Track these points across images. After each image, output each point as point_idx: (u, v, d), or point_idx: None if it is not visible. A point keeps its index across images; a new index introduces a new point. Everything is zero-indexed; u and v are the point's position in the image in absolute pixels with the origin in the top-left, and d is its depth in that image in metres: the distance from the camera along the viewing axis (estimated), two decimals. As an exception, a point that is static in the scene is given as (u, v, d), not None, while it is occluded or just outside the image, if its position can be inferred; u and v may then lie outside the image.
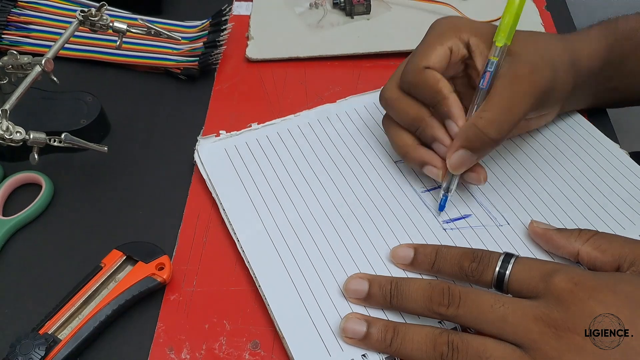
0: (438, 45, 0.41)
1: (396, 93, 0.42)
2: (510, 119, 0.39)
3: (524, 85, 0.39)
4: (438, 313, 0.34)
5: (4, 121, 0.40)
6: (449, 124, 0.40)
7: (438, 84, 0.40)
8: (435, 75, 0.40)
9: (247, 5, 0.62)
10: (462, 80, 0.43)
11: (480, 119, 0.39)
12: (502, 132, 0.38)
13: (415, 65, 0.40)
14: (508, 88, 0.39)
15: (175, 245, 0.42)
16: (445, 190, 0.42)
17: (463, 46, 0.41)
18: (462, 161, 0.40)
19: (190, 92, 0.53)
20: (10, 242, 0.42)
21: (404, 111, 0.42)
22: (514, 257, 0.35)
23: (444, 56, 0.40)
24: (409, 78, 0.41)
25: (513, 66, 0.39)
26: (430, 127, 0.41)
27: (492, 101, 0.39)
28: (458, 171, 0.41)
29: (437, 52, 0.40)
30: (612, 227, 0.42)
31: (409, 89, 0.41)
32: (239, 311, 0.38)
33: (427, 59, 0.40)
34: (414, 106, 0.41)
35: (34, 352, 0.34)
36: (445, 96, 0.40)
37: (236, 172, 0.45)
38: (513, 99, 0.39)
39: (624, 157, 0.46)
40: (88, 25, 0.45)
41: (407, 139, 0.43)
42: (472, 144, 0.39)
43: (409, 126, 0.42)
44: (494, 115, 0.38)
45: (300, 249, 0.40)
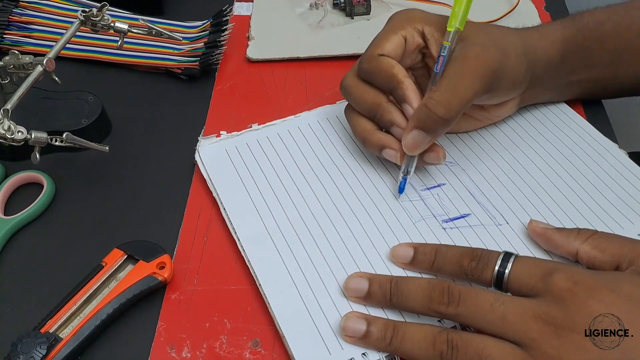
0: (392, 34, 0.42)
1: (354, 81, 0.43)
2: (458, 97, 0.39)
3: (471, 64, 0.40)
4: (438, 312, 0.34)
5: (5, 121, 0.40)
6: (405, 107, 0.42)
7: (393, 69, 0.41)
8: (389, 62, 0.42)
9: (247, 5, 0.62)
10: (422, 71, 0.45)
11: (430, 99, 0.40)
12: (451, 111, 0.39)
13: (370, 53, 0.42)
14: (456, 68, 0.40)
15: (176, 245, 0.42)
16: (404, 173, 0.43)
17: (418, 35, 0.43)
18: (417, 142, 0.41)
19: (191, 92, 0.54)
20: (11, 242, 0.43)
21: (362, 98, 0.43)
22: (514, 256, 0.35)
23: (398, 44, 0.42)
24: (365, 65, 0.42)
25: (463, 49, 0.41)
26: (388, 112, 0.42)
27: (442, 82, 0.40)
28: (414, 152, 0.41)
29: (391, 40, 0.42)
30: (611, 226, 0.42)
31: (365, 76, 0.43)
32: (239, 310, 0.39)
33: (381, 47, 0.42)
34: (372, 92, 0.43)
35: (35, 350, 0.35)
36: (400, 80, 0.41)
37: (237, 172, 0.45)
38: (460, 77, 0.40)
39: (622, 157, 0.46)
40: (89, 25, 0.45)
41: (366, 125, 0.44)
42: (424, 124, 0.40)
43: (368, 112, 0.43)
44: (441, 95, 0.39)
45: (301, 248, 0.41)
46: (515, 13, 0.60)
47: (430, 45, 0.43)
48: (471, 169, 0.46)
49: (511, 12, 0.60)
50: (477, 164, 0.46)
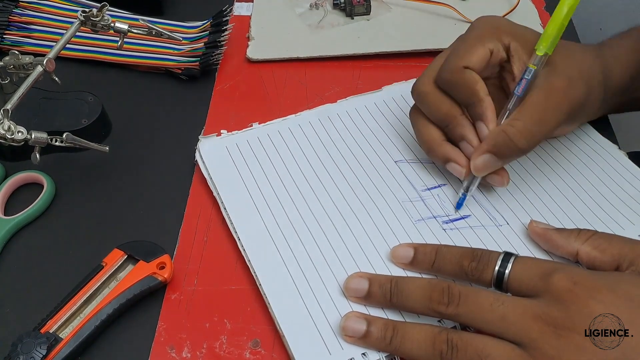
0: (479, 45, 0.40)
1: (430, 87, 0.42)
2: (541, 130, 0.39)
3: (559, 98, 0.39)
4: (438, 312, 0.34)
5: (5, 121, 0.40)
6: (479, 125, 0.41)
7: (476, 86, 0.40)
8: (473, 77, 0.40)
9: (247, 5, 0.62)
10: (493, 82, 0.43)
11: (511, 127, 0.39)
12: (531, 143, 0.39)
13: (455, 64, 0.40)
14: (543, 100, 0.39)
15: (176, 245, 0.42)
16: (465, 190, 0.42)
17: (503, 49, 0.41)
18: (487, 165, 0.40)
19: (191, 92, 0.53)
20: (11, 242, 0.43)
21: (436, 106, 0.41)
22: (514, 256, 0.35)
23: (484, 57, 0.40)
24: (447, 76, 0.40)
25: (550, 78, 0.39)
26: (461, 126, 0.41)
27: (525, 111, 0.39)
28: (481, 174, 0.41)
29: (477, 52, 0.40)
30: (611, 227, 0.42)
31: (444, 86, 0.41)
32: (239, 310, 0.39)
33: (467, 59, 0.40)
34: (447, 103, 0.41)
35: (36, 351, 0.35)
36: (481, 98, 0.40)
37: (237, 170, 0.45)
38: (546, 111, 0.39)
39: (622, 158, 0.46)
40: (89, 25, 0.45)
41: (434, 134, 0.43)
42: (499, 150, 0.39)
43: (439, 122, 0.42)
44: (525, 125, 0.38)
45: (301, 248, 0.41)
46: (515, 13, 0.60)
47: (513, 62, 0.41)
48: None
49: (511, 12, 0.60)
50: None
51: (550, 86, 0.39)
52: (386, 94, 0.51)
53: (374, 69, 0.56)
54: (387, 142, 0.48)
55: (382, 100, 0.51)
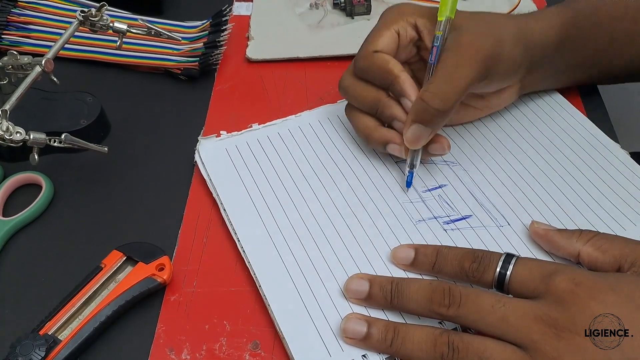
0: (385, 30, 0.42)
1: (351, 80, 0.44)
2: (453, 88, 0.39)
3: (464, 52, 0.40)
4: (438, 313, 0.34)
5: (4, 121, 0.40)
6: (404, 101, 0.42)
7: (388, 65, 0.41)
8: (384, 57, 0.42)
9: (247, 5, 0.62)
10: (418, 65, 0.45)
11: (425, 92, 0.39)
12: (447, 102, 0.39)
13: (365, 51, 0.42)
14: (450, 57, 0.40)
15: (176, 246, 0.42)
16: (410, 167, 0.43)
17: (411, 28, 0.43)
18: (417, 135, 0.41)
19: (191, 92, 0.53)
20: (10, 243, 0.42)
21: (361, 95, 0.43)
22: (515, 257, 0.35)
23: (391, 39, 0.42)
24: (360, 63, 0.43)
25: (456, 37, 0.40)
26: (388, 107, 0.42)
27: (436, 73, 0.40)
28: (416, 145, 0.41)
29: (384, 36, 0.42)
30: (613, 227, 0.42)
31: (362, 74, 0.43)
32: (239, 312, 0.38)
33: (375, 43, 0.42)
34: (370, 89, 0.43)
35: (34, 352, 0.34)
36: (397, 75, 0.41)
37: (237, 172, 0.45)
38: (455, 67, 0.39)
39: (624, 157, 0.46)
40: (88, 25, 0.45)
41: (368, 122, 0.44)
42: (422, 117, 0.40)
43: (368, 109, 0.43)
44: (437, 86, 0.39)
45: (301, 249, 0.40)
46: (516, 13, 0.60)
47: (424, 37, 0.43)
48: (472, 169, 0.46)
49: (512, 12, 0.60)
50: (479, 164, 0.46)
51: (456, 44, 0.40)
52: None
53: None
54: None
55: (382, 100, 0.51)
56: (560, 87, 0.51)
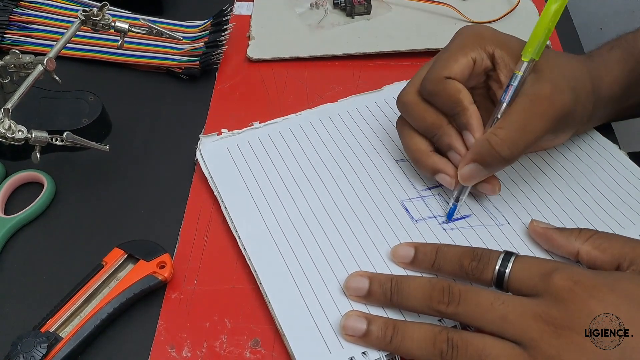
0: (461, 55, 0.40)
1: (415, 98, 0.41)
2: (524, 139, 0.38)
3: (543, 106, 0.38)
4: (438, 311, 0.34)
5: (6, 120, 0.40)
6: (466, 135, 0.40)
7: (459, 95, 0.39)
8: (456, 86, 0.40)
9: (248, 5, 0.62)
10: (481, 91, 0.43)
11: (494, 136, 0.38)
12: (514, 152, 0.38)
13: (436, 74, 0.40)
14: (526, 107, 0.38)
15: (177, 244, 0.42)
16: (456, 200, 0.42)
17: (487, 57, 0.40)
18: (473, 174, 0.40)
19: (192, 91, 0.54)
20: (11, 241, 0.43)
21: (422, 117, 0.41)
22: (514, 255, 0.35)
23: (466, 67, 0.40)
24: (430, 86, 0.40)
25: (535, 85, 0.39)
26: (448, 136, 0.41)
27: (508, 119, 0.38)
28: (468, 183, 0.41)
29: (459, 62, 0.40)
30: (612, 226, 0.42)
31: (428, 97, 0.41)
32: (239, 309, 0.39)
33: (449, 68, 0.40)
34: (433, 113, 0.41)
35: (36, 350, 0.35)
36: (465, 107, 0.40)
37: (238, 170, 0.45)
38: (530, 119, 0.38)
39: (622, 157, 0.46)
40: (90, 24, 0.45)
41: (421, 145, 0.42)
42: (484, 159, 0.39)
43: (426, 132, 0.42)
44: (508, 134, 0.38)
45: (301, 247, 0.41)
46: (515, 13, 0.60)
47: (499, 69, 0.40)
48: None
49: (511, 12, 0.60)
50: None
51: (535, 93, 0.38)
52: (387, 93, 0.51)
53: (374, 69, 0.56)
54: (388, 141, 0.48)
55: (383, 100, 0.51)
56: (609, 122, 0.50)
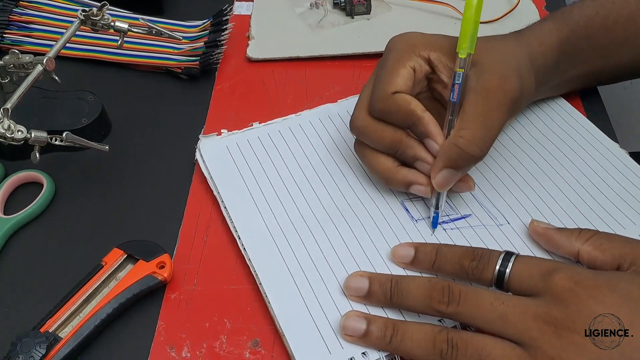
0: (400, 67, 0.40)
1: (368, 121, 0.41)
2: (489, 133, 0.39)
3: (497, 97, 0.39)
4: (438, 311, 0.34)
5: (5, 120, 0.40)
6: (428, 142, 0.40)
7: (410, 106, 0.39)
8: (404, 98, 0.40)
9: (247, 5, 0.62)
10: (425, 94, 0.43)
11: (460, 139, 0.38)
12: (483, 148, 0.38)
13: (383, 92, 0.40)
14: (481, 102, 0.39)
15: (176, 244, 0.42)
16: (436, 207, 0.42)
17: (425, 63, 0.41)
18: (448, 179, 0.40)
19: (191, 91, 0.53)
20: (11, 241, 0.43)
21: (380, 137, 0.41)
22: (514, 255, 0.35)
23: (408, 77, 0.40)
24: (379, 106, 0.40)
25: (481, 78, 0.39)
26: (411, 148, 0.41)
27: (468, 118, 0.39)
28: (444, 189, 0.41)
29: (400, 75, 0.40)
30: (613, 226, 0.42)
31: (380, 116, 0.40)
32: (239, 309, 0.39)
33: (393, 83, 0.39)
34: (389, 130, 0.41)
35: (35, 350, 0.35)
36: (420, 116, 0.40)
37: (238, 169, 0.45)
38: (489, 113, 0.38)
39: (624, 156, 0.46)
40: (89, 24, 0.45)
41: (386, 163, 0.42)
42: (455, 162, 0.39)
43: (388, 150, 0.41)
44: (473, 133, 0.38)
45: (301, 247, 0.40)
46: (515, 13, 0.60)
47: (439, 71, 0.41)
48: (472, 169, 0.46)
49: (511, 11, 0.60)
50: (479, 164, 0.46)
51: (483, 87, 0.39)
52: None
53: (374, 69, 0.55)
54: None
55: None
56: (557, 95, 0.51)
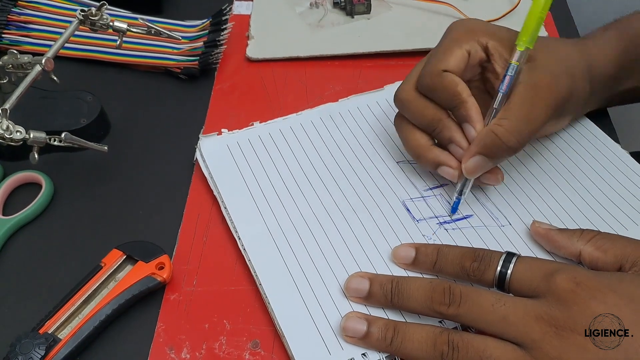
0: (456, 48, 0.40)
1: (412, 94, 0.41)
2: (529, 128, 0.38)
3: (544, 95, 0.39)
4: (439, 312, 0.34)
5: (4, 120, 0.40)
6: (466, 127, 0.40)
7: (456, 88, 0.39)
8: (453, 79, 0.40)
9: (247, 4, 0.62)
10: (477, 83, 0.43)
11: (499, 127, 0.38)
12: (520, 141, 0.38)
13: (433, 68, 0.40)
14: (528, 97, 0.39)
15: (176, 245, 0.42)
16: (459, 193, 0.42)
17: (481, 49, 0.41)
18: (478, 166, 0.40)
19: (191, 91, 0.53)
20: (10, 242, 0.42)
21: (421, 112, 0.41)
22: (516, 256, 0.35)
23: (461, 59, 0.40)
24: (427, 81, 0.40)
25: (533, 74, 0.39)
26: (448, 129, 0.41)
27: (511, 109, 0.39)
28: (473, 176, 0.40)
29: (455, 55, 0.40)
30: (614, 227, 0.42)
31: (426, 92, 0.41)
32: (239, 311, 0.38)
33: (445, 62, 0.40)
34: (431, 108, 0.41)
35: (34, 351, 0.34)
36: (464, 100, 0.40)
37: (238, 169, 0.45)
38: (533, 108, 0.38)
39: (625, 157, 0.46)
40: (88, 24, 0.45)
41: (421, 140, 0.42)
42: (490, 150, 0.39)
43: (426, 127, 0.42)
44: (513, 124, 0.38)
45: (302, 247, 0.40)
46: (515, 12, 0.60)
47: (493, 60, 0.41)
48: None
49: (512, 11, 0.60)
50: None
51: (534, 82, 0.39)
52: (389, 92, 0.51)
53: (374, 68, 0.55)
54: (389, 141, 0.47)
55: (384, 99, 0.51)
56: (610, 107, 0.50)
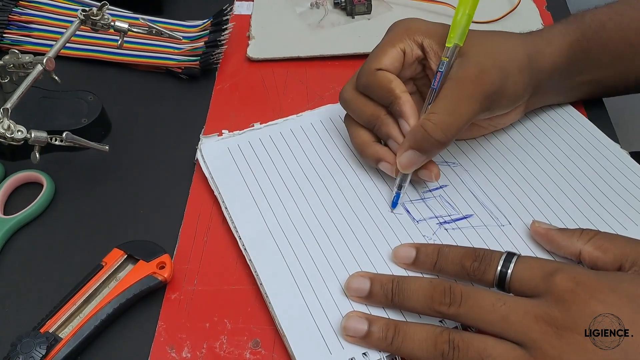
0: (390, 47, 0.42)
1: (352, 94, 0.43)
2: (456, 121, 0.39)
3: (470, 88, 0.39)
4: (439, 312, 0.34)
5: (5, 120, 0.40)
6: (401, 122, 0.41)
7: (390, 85, 0.41)
8: (387, 76, 0.41)
9: (248, 4, 0.62)
10: (424, 81, 0.44)
11: (427, 122, 0.39)
12: (448, 135, 0.39)
13: (368, 67, 0.42)
14: (454, 91, 0.39)
15: (176, 244, 0.42)
16: (398, 188, 0.42)
17: (417, 47, 0.42)
18: (411, 161, 0.41)
19: (191, 91, 0.53)
20: (11, 241, 0.42)
21: (361, 110, 0.43)
22: (516, 256, 0.35)
23: (396, 58, 0.42)
24: (363, 80, 0.42)
25: (461, 68, 0.40)
26: (386, 125, 0.42)
27: (438, 103, 0.40)
28: (407, 170, 0.41)
29: (389, 54, 0.42)
30: (614, 227, 0.42)
31: (364, 90, 0.43)
32: (239, 310, 0.38)
33: (379, 61, 0.41)
34: (370, 105, 0.42)
35: (35, 350, 0.34)
36: (397, 96, 0.41)
37: (239, 170, 0.45)
38: (459, 101, 0.39)
39: (624, 157, 0.46)
40: (89, 24, 0.45)
41: (364, 136, 0.44)
42: (420, 145, 0.40)
43: (366, 123, 0.43)
44: (440, 118, 0.39)
45: (302, 248, 0.40)
46: (516, 13, 0.60)
47: (429, 58, 0.42)
48: (473, 169, 0.46)
49: (512, 12, 0.60)
50: (480, 164, 0.46)
51: (460, 76, 0.40)
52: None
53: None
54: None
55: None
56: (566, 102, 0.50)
